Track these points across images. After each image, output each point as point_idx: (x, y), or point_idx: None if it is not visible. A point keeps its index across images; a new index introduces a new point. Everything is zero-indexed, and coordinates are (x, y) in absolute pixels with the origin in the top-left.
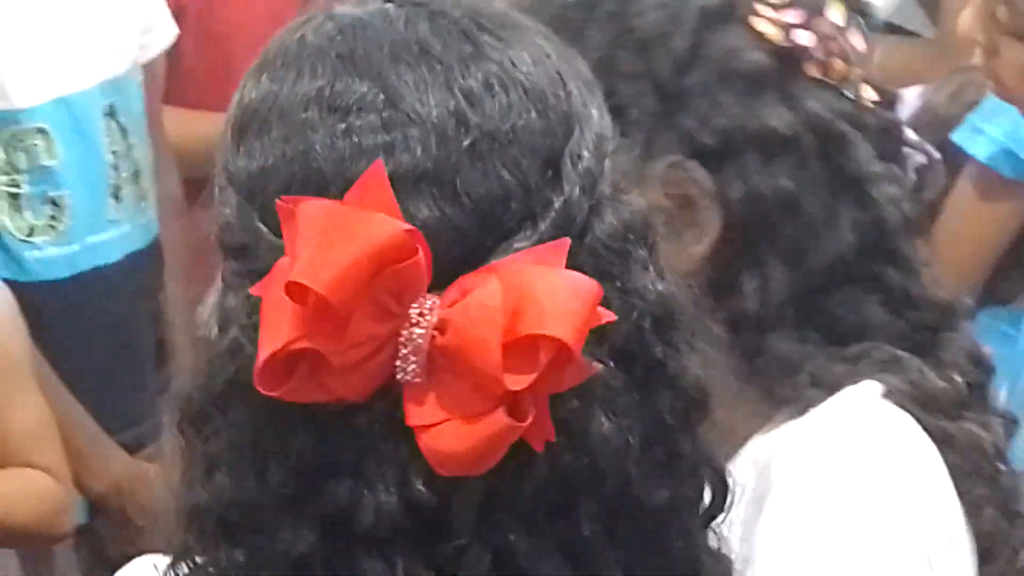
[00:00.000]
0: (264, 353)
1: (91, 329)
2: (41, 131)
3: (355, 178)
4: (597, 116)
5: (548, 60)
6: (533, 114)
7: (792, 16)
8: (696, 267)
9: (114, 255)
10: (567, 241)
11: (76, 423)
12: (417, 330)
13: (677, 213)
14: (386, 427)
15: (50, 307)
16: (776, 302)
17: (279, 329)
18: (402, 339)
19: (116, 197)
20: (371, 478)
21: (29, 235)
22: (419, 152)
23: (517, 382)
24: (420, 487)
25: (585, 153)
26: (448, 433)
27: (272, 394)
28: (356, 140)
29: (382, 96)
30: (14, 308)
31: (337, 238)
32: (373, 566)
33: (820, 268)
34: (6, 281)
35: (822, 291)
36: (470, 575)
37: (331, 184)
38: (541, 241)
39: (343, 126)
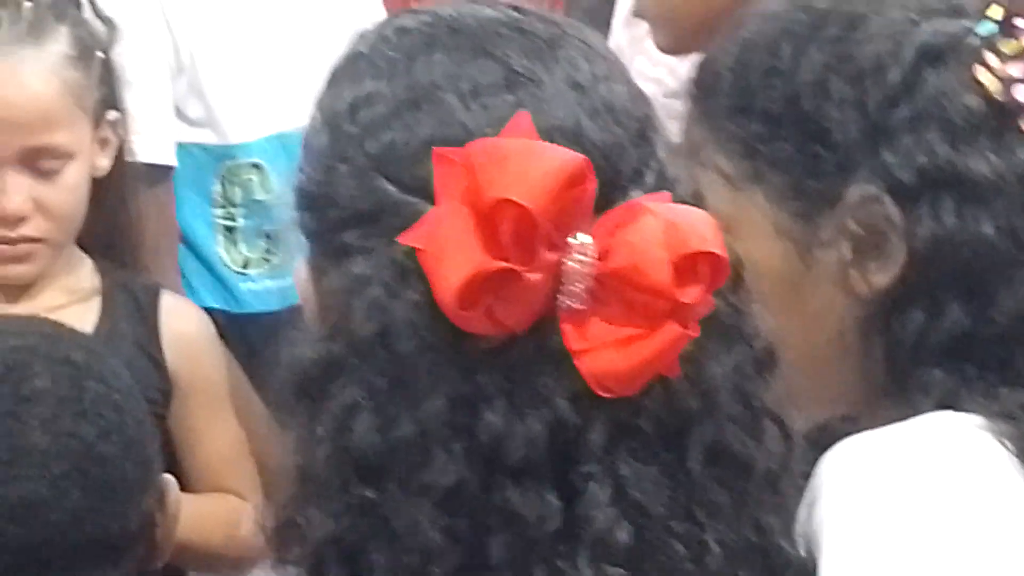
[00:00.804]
0: (455, 280)
1: None
2: (256, 166)
3: (492, 135)
4: None
5: (608, 50)
6: (621, 84)
7: (1017, 70)
8: (873, 295)
9: None
10: (668, 194)
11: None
12: (583, 257)
13: (864, 240)
14: (536, 358)
15: (263, 338)
16: (943, 339)
17: (466, 257)
18: (567, 267)
19: None
20: (521, 408)
21: (244, 267)
22: (546, 108)
23: (688, 294)
24: (567, 414)
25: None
26: (610, 354)
27: (462, 319)
28: (488, 101)
29: (501, 63)
30: (214, 335)
31: (526, 162)
32: (518, 495)
33: (1005, 316)
34: (220, 311)
35: (1001, 337)
36: (593, 501)
37: (471, 140)
38: (647, 192)
39: (472, 91)
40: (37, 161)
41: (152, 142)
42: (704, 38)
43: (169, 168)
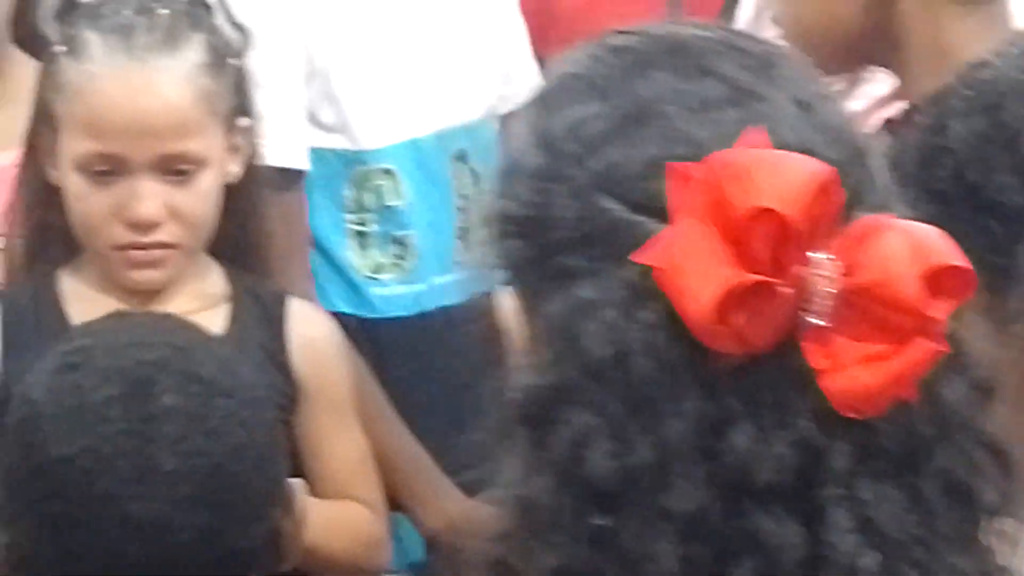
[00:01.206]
0: (707, 297)
1: (434, 368)
2: (388, 172)
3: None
4: None
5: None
6: (838, 104)
7: None
8: None
9: (460, 296)
10: (891, 215)
11: (413, 460)
12: (828, 273)
13: None
14: (779, 377)
15: (394, 343)
16: None
17: (716, 273)
18: (813, 282)
19: (464, 240)
20: (767, 430)
21: (375, 272)
22: (775, 124)
23: (938, 309)
24: (812, 435)
25: None
26: (856, 372)
27: (713, 338)
28: (715, 116)
29: (723, 80)
30: (342, 341)
31: (774, 172)
32: (763, 521)
33: None
34: (351, 316)
35: None
36: (837, 526)
37: (700, 156)
38: (873, 212)
39: (698, 106)
40: (171, 168)
41: (284, 146)
42: (839, 61)
43: (301, 173)
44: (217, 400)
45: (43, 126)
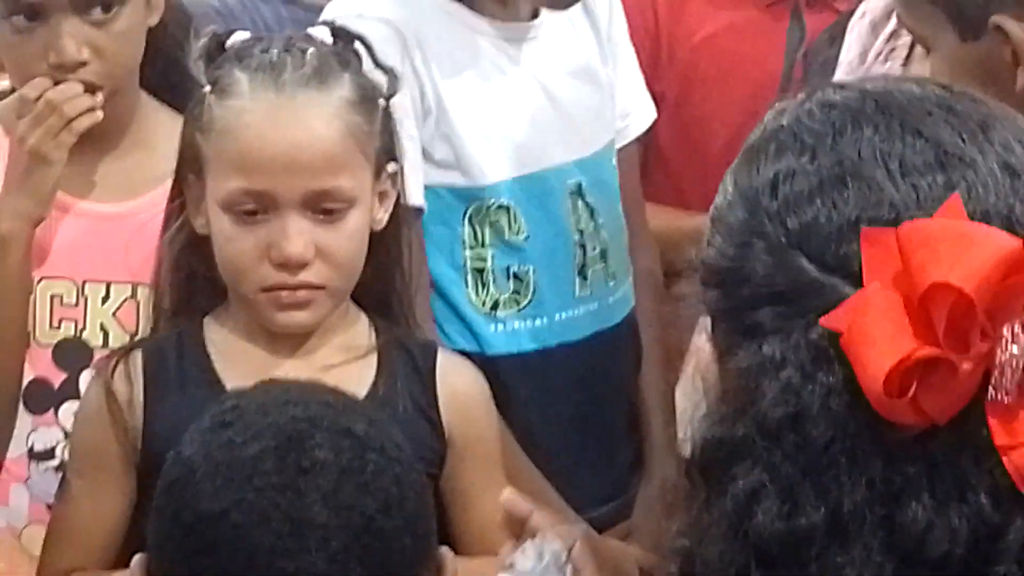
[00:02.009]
0: (883, 366)
1: (558, 405)
2: (505, 207)
3: (921, 216)
4: None
5: None
6: None
7: None
8: None
9: (582, 332)
10: None
11: (542, 499)
12: (1016, 347)
13: None
14: (958, 450)
15: (515, 381)
16: None
17: (895, 343)
18: (999, 357)
19: (583, 275)
20: (944, 501)
21: (493, 309)
22: (979, 191)
23: None
24: (988, 511)
25: None
26: None
27: (887, 407)
28: (918, 181)
29: (932, 142)
30: (488, 392)
31: (962, 246)
32: None
33: None
34: (470, 354)
35: None
36: None
37: (900, 221)
38: None
39: (902, 169)
40: (320, 205)
41: (405, 184)
42: None
43: (420, 210)
44: (369, 455)
45: (188, 170)
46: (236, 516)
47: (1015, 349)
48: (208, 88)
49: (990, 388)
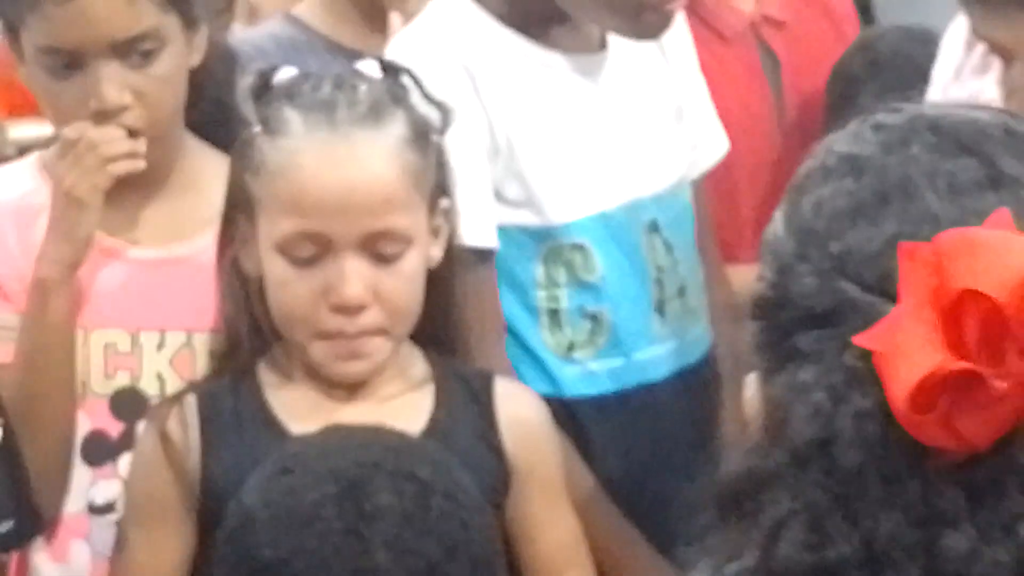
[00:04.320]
0: (910, 381)
1: (640, 445)
2: (579, 246)
3: None
4: None
5: None
6: None
7: None
8: None
9: (661, 371)
10: None
11: (627, 542)
12: None
13: None
14: (1002, 478)
15: (594, 423)
16: None
17: (924, 356)
18: None
19: (661, 312)
20: (986, 533)
21: (569, 350)
22: None
23: None
24: None
25: None
26: None
27: (916, 425)
28: (965, 200)
29: (985, 162)
30: (550, 419)
31: (1001, 254)
32: None
33: None
34: (547, 397)
35: None
36: None
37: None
38: None
39: (949, 188)
40: (377, 247)
41: (475, 225)
42: None
43: (492, 252)
44: (433, 500)
45: (237, 211)
46: (297, 564)
47: None
48: (258, 128)
49: None
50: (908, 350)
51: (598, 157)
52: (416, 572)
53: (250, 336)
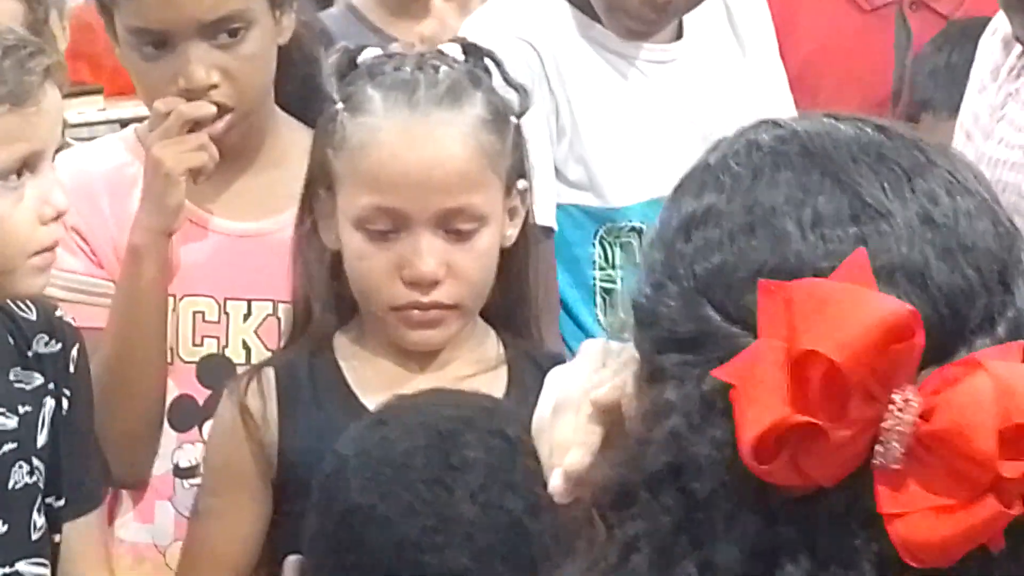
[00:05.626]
0: (755, 429)
1: None
2: (637, 230)
3: (826, 270)
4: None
5: (979, 180)
6: (987, 221)
7: None
8: None
9: None
10: (1023, 343)
11: None
12: (903, 415)
13: None
14: (843, 515)
15: None
16: None
17: (770, 405)
18: (886, 423)
19: None
20: (825, 566)
21: (621, 331)
22: (891, 245)
23: (1012, 469)
24: None
25: None
26: (924, 521)
27: (761, 471)
28: (828, 232)
29: (850, 192)
30: None
31: (844, 311)
32: None
33: None
34: None
35: None
36: None
37: (803, 274)
38: (997, 343)
39: (813, 220)
40: (452, 224)
41: (537, 204)
42: None
43: (551, 231)
44: (520, 458)
45: (319, 186)
46: (385, 509)
47: (902, 415)
48: (341, 105)
49: (875, 454)
50: (757, 394)
51: (661, 144)
52: (499, 525)
53: (326, 309)
